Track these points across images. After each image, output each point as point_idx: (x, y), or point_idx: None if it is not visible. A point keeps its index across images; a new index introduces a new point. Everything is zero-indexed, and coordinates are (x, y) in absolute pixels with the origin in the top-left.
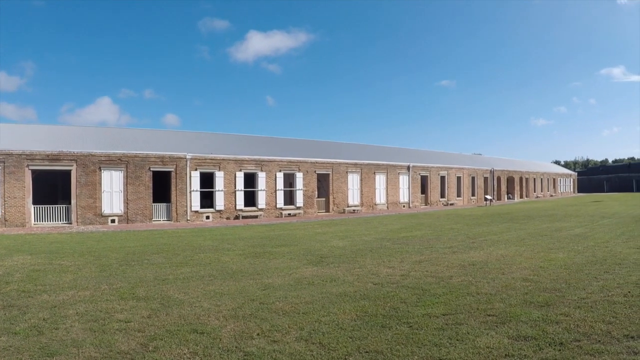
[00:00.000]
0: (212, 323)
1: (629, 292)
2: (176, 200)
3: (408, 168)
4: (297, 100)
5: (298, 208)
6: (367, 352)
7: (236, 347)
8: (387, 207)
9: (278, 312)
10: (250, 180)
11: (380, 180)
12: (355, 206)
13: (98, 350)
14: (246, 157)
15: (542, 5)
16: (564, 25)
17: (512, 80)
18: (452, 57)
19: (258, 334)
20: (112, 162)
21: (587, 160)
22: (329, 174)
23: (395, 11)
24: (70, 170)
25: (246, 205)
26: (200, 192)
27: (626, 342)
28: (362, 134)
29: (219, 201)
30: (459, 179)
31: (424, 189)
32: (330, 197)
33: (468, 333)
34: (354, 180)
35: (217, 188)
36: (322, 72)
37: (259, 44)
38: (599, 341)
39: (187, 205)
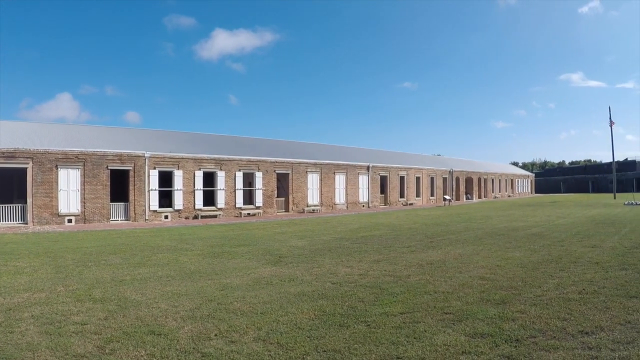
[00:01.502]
0: (169, 324)
1: (584, 289)
2: (134, 199)
3: (368, 168)
4: (261, 99)
5: (257, 208)
6: (325, 351)
7: (194, 348)
8: (347, 207)
9: (236, 313)
10: (209, 179)
11: (340, 180)
12: (314, 206)
13: (54, 353)
14: (205, 156)
15: (505, 12)
16: (526, 31)
17: (473, 84)
18: (414, 60)
19: (216, 335)
20: (70, 160)
21: (545, 161)
22: (288, 174)
23: (360, 13)
24: (26, 168)
25: (205, 204)
26: (159, 191)
27: (581, 337)
28: (324, 134)
29: (178, 201)
30: (418, 179)
31: (383, 189)
32: (290, 196)
33: (425, 331)
34: (313, 180)
35: (176, 187)
36: (286, 72)
37: (224, 42)
38: (554, 337)
39: (145, 205)
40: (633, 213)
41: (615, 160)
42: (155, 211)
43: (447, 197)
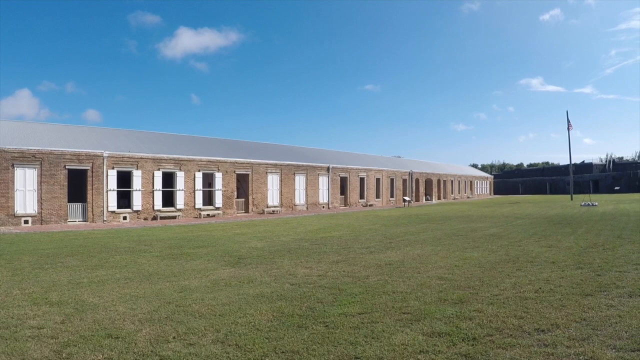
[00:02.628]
0: (127, 327)
1: (540, 288)
2: (92, 200)
3: (328, 169)
4: (223, 100)
5: (217, 208)
6: (283, 352)
7: (152, 351)
8: (307, 208)
9: (194, 315)
10: (168, 179)
11: (300, 181)
12: (274, 207)
13: (10, 358)
14: (165, 156)
15: (469, 18)
16: (488, 37)
17: (435, 87)
18: (378, 63)
19: (174, 338)
20: (26, 159)
21: (504, 163)
22: (248, 174)
23: (325, 17)
24: None
25: (164, 205)
26: (118, 191)
27: (537, 335)
28: (286, 136)
29: (137, 201)
30: (378, 180)
31: (343, 190)
32: (250, 197)
33: (383, 331)
34: (273, 181)
35: (134, 188)
36: (250, 73)
37: (188, 41)
38: (511, 335)
39: (103, 206)
40: (589, 214)
41: (573, 162)
42: (113, 212)
43: (406, 198)
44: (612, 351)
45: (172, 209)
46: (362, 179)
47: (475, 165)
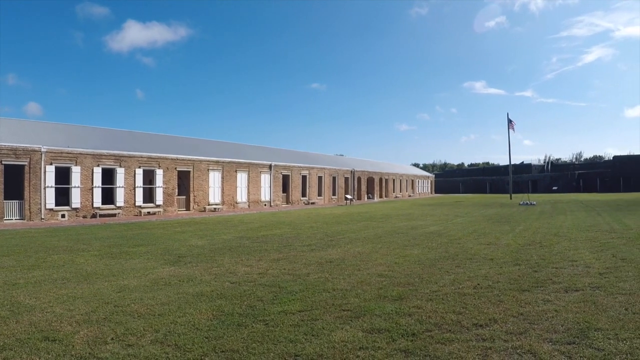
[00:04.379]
0: (64, 329)
1: (478, 284)
2: (30, 197)
3: (270, 167)
4: (168, 95)
5: (158, 206)
6: (223, 351)
7: (90, 353)
8: (249, 206)
9: (133, 315)
10: (108, 176)
11: (242, 178)
12: (216, 204)
13: None
14: (105, 151)
15: (416, 21)
16: (434, 40)
17: (380, 87)
18: (325, 62)
19: (112, 339)
20: None
21: (445, 163)
22: (190, 172)
23: (274, 15)
24: None
25: (104, 203)
26: (56, 188)
27: (475, 330)
28: (230, 133)
29: (76, 199)
30: (320, 178)
31: (285, 188)
32: (191, 195)
33: (323, 328)
34: (215, 178)
35: (73, 184)
36: (197, 69)
37: (136, 34)
38: (450, 330)
39: (41, 203)
40: (527, 212)
41: (512, 163)
42: (52, 210)
43: (348, 196)
44: (549, 344)
45: (112, 206)
46: (304, 177)
47: (417, 165)
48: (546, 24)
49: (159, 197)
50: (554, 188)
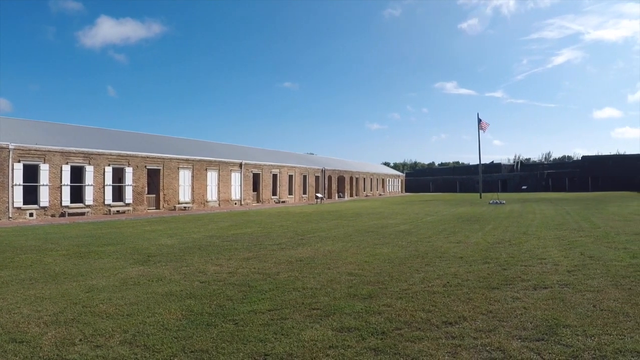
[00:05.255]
0: (32, 330)
1: (448, 282)
2: None
3: (241, 165)
4: (139, 93)
5: (127, 205)
6: (192, 351)
7: (57, 355)
8: (219, 205)
9: (102, 315)
10: (77, 174)
11: (212, 177)
12: (186, 203)
13: None
14: (74, 149)
15: (389, 22)
16: (407, 41)
17: (351, 87)
18: (297, 61)
19: (80, 340)
20: None
21: (415, 162)
22: (160, 170)
23: (249, 14)
24: None
25: (73, 201)
26: (24, 186)
27: (445, 328)
28: (202, 131)
29: (44, 197)
30: (290, 177)
31: (256, 187)
32: (161, 193)
33: (293, 327)
34: (185, 177)
35: (42, 182)
36: (169, 66)
37: (109, 30)
38: (419, 328)
39: (9, 202)
40: (497, 211)
41: (482, 162)
42: (19, 208)
43: (319, 195)
44: (518, 341)
45: (80, 205)
46: (274, 176)
47: (387, 164)
48: (517, 26)
49: (129, 196)
50: (524, 187)
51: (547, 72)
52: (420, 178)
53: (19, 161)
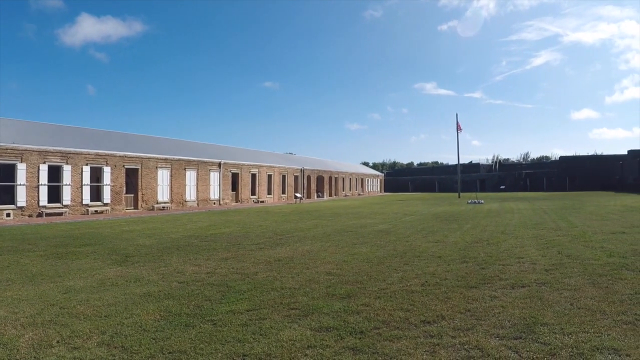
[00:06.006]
0: (9, 333)
1: (426, 281)
2: None
3: (219, 165)
4: (120, 92)
5: (105, 205)
6: (170, 352)
7: (35, 357)
8: (198, 204)
9: (79, 317)
10: (55, 174)
11: (190, 176)
12: (164, 203)
13: None
14: (51, 148)
15: (370, 24)
16: (387, 43)
17: (332, 87)
18: (278, 61)
19: (58, 342)
20: None
21: (394, 162)
22: (138, 169)
23: (230, 14)
24: None
25: (50, 201)
26: (1, 186)
27: (423, 327)
28: (182, 131)
29: (21, 197)
30: (270, 176)
31: (235, 186)
32: (139, 193)
33: (271, 327)
34: (163, 176)
35: (19, 182)
36: (150, 65)
37: (90, 28)
38: (398, 327)
39: None
40: (475, 211)
41: (461, 162)
42: None
43: (298, 195)
44: (496, 339)
45: (58, 205)
46: (253, 175)
47: (366, 164)
48: (496, 27)
49: (107, 196)
50: (502, 187)
51: (525, 74)
52: (400, 178)
53: None
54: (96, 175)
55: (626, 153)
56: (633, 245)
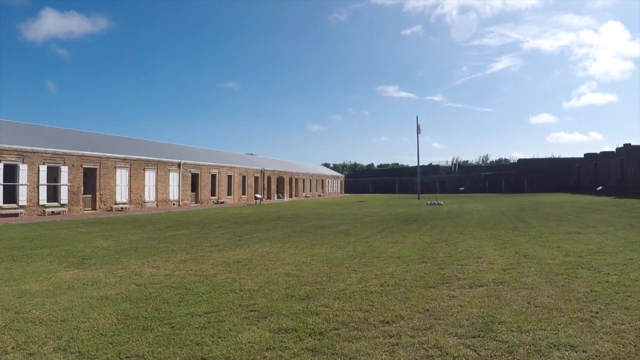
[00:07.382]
0: None
1: (385, 282)
2: None
3: (179, 165)
4: (80, 89)
5: (63, 205)
6: (128, 357)
7: None
8: (157, 205)
9: (34, 322)
10: (10, 173)
11: (150, 177)
12: (123, 204)
13: None
14: (7, 146)
15: (335, 27)
16: (351, 46)
17: (294, 88)
18: (241, 60)
19: (13, 348)
20: None
21: (355, 163)
22: (96, 169)
23: (195, 13)
24: None
25: (5, 201)
26: None
27: (382, 327)
28: (141, 130)
29: None
30: (230, 177)
31: (194, 187)
32: (98, 193)
33: (230, 329)
34: (122, 177)
35: None
36: (113, 63)
37: (53, 24)
38: (357, 328)
39: None
40: (434, 212)
41: (421, 164)
42: None
43: (258, 195)
44: (454, 338)
45: (13, 205)
46: (213, 176)
47: (327, 165)
48: (459, 32)
49: (64, 196)
50: (461, 189)
51: (485, 78)
52: (360, 179)
53: None
54: (53, 175)
55: (583, 156)
56: (589, 245)
